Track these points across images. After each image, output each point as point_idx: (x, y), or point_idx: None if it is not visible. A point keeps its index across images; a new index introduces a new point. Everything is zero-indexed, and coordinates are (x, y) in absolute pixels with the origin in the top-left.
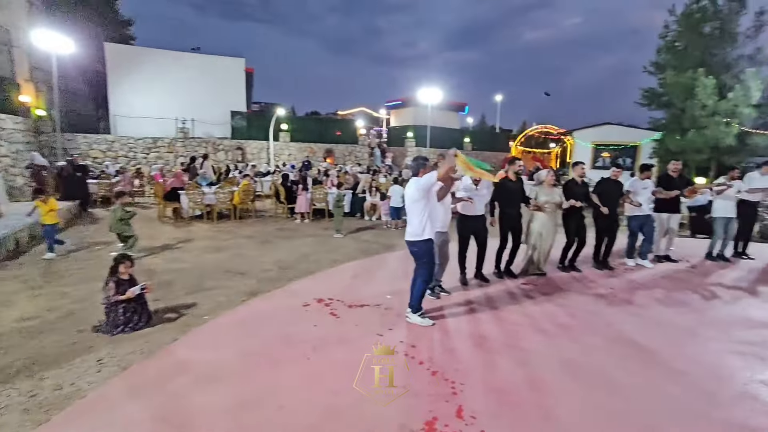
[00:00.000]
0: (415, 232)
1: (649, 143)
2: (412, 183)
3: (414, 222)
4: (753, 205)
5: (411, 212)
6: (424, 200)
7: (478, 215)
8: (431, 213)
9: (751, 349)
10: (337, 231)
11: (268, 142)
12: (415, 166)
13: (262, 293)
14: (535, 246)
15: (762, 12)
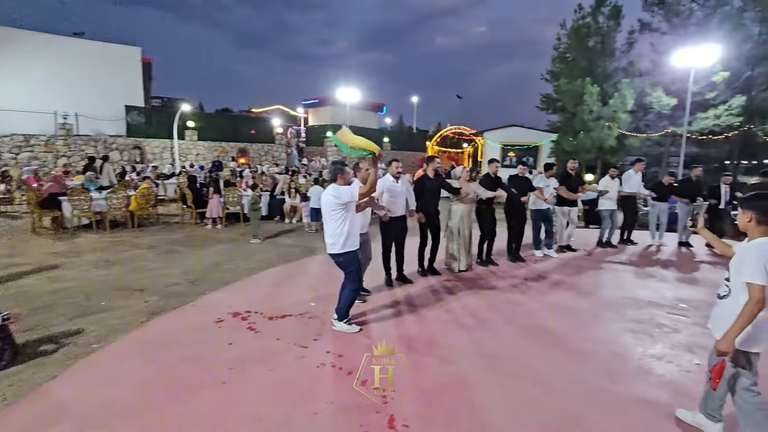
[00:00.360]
0: (336, 243)
1: (548, 144)
2: (331, 190)
3: (334, 233)
4: (633, 200)
5: (329, 221)
6: (343, 211)
7: (400, 216)
8: (351, 222)
9: (642, 326)
10: (254, 236)
11: (172, 140)
12: (333, 171)
13: (167, 311)
14: (454, 242)
15: (633, 31)
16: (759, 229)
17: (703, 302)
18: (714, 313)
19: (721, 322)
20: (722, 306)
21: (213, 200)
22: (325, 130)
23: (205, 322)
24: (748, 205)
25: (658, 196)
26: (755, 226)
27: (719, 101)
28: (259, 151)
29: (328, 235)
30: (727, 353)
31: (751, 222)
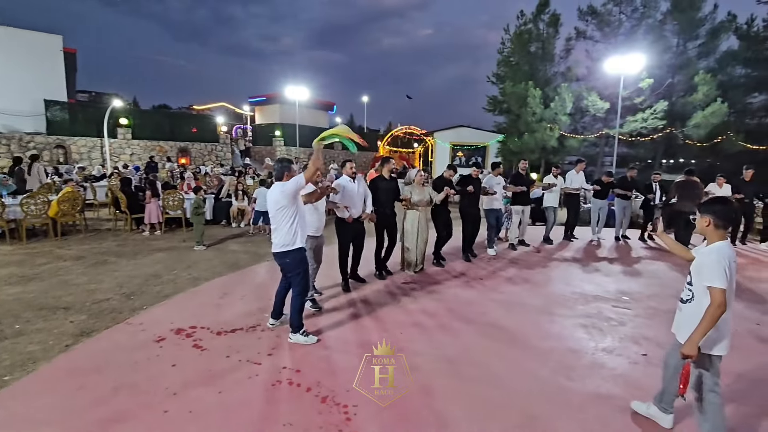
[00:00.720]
0: (284, 242)
1: (495, 144)
2: (277, 188)
3: (282, 230)
4: (576, 197)
5: (277, 220)
6: (293, 206)
7: (356, 218)
8: (301, 218)
9: (591, 321)
10: (198, 243)
11: (103, 139)
12: (279, 169)
13: (97, 332)
14: (409, 244)
15: (570, 38)
16: (717, 233)
17: (643, 294)
18: (677, 318)
19: (685, 326)
20: (685, 310)
21: (151, 204)
22: (274, 129)
23: (143, 341)
24: (707, 209)
25: (597, 193)
26: (713, 230)
27: (645, 106)
28: (202, 150)
29: (277, 233)
30: (691, 356)
31: (709, 226)
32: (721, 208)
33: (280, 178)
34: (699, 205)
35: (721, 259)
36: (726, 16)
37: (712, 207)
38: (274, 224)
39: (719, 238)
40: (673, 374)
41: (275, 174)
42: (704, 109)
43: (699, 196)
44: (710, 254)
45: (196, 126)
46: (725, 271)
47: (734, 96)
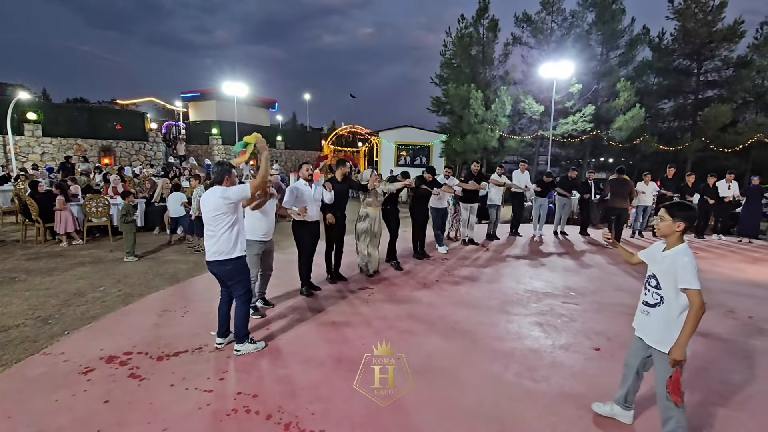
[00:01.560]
0: (222, 249)
1: (439, 144)
2: (216, 192)
3: (221, 238)
4: (521, 195)
5: (214, 226)
6: (234, 213)
7: (313, 221)
8: (241, 225)
9: (546, 318)
10: (129, 253)
11: (6, 136)
12: (219, 173)
13: (6, 367)
14: (365, 245)
15: (508, 43)
16: (680, 236)
17: (587, 289)
18: (642, 320)
19: (655, 329)
20: (654, 314)
21: (63, 211)
22: (210, 127)
23: (65, 375)
24: (681, 215)
25: (538, 192)
26: (680, 234)
27: (575, 109)
28: (128, 149)
29: (213, 240)
30: (682, 362)
31: (680, 230)
32: (692, 214)
33: (219, 182)
34: (669, 210)
35: (693, 261)
36: (641, 29)
37: (685, 212)
38: (209, 230)
39: (680, 241)
40: (636, 374)
41: (214, 177)
42: (625, 113)
43: (630, 193)
44: (682, 257)
45: (120, 122)
46: (697, 272)
47: (649, 102)
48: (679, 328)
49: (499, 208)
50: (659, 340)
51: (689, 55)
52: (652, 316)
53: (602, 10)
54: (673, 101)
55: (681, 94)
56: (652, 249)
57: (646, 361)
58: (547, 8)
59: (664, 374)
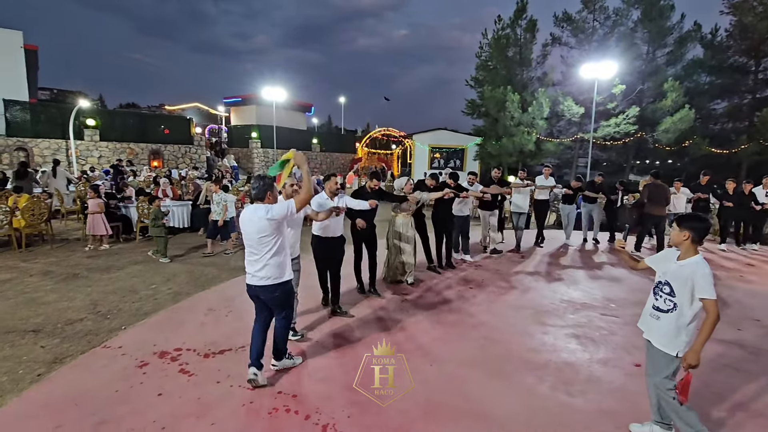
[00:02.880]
0: (270, 274)
1: (474, 147)
2: (259, 212)
3: (269, 262)
4: (545, 202)
5: (259, 248)
6: (280, 234)
7: (337, 236)
8: (286, 244)
9: (583, 330)
10: (159, 253)
11: (68, 141)
12: (261, 188)
13: (72, 358)
14: (401, 255)
15: (546, 44)
16: (693, 246)
17: (628, 301)
18: (654, 325)
19: (666, 335)
20: (666, 319)
21: (96, 215)
22: (250, 131)
23: (124, 368)
24: (687, 225)
25: (566, 198)
26: (690, 244)
27: (618, 111)
28: (175, 153)
29: (258, 264)
30: (696, 366)
31: (687, 240)
32: (700, 225)
33: (261, 198)
34: (678, 220)
35: (710, 272)
36: (692, 26)
37: (692, 223)
38: (254, 253)
39: (695, 252)
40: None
41: (255, 193)
42: (673, 114)
43: (667, 199)
44: (701, 268)
45: (168, 127)
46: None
47: (699, 102)
48: (687, 334)
49: (524, 216)
50: (667, 343)
51: (746, 51)
52: (663, 321)
53: (649, 7)
54: (727, 101)
55: (736, 94)
56: (662, 256)
57: None
58: (588, 7)
59: (663, 371)
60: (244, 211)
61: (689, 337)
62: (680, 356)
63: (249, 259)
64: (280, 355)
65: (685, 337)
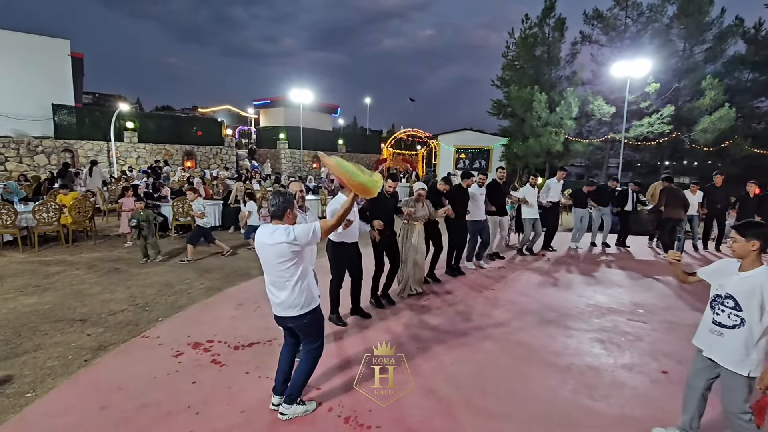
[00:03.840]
0: (298, 302)
1: (499, 147)
2: (277, 236)
3: (294, 289)
4: (555, 206)
5: (282, 275)
6: (304, 259)
7: (354, 242)
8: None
9: (608, 335)
10: (146, 256)
11: (109, 142)
12: (281, 205)
13: (114, 345)
14: (410, 264)
15: (575, 42)
16: (759, 257)
17: (657, 306)
18: (715, 342)
19: (733, 351)
20: (731, 335)
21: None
22: (278, 132)
23: (161, 356)
24: (755, 232)
25: (577, 202)
26: (757, 254)
27: (652, 110)
28: (207, 154)
29: (281, 292)
30: None
31: (756, 250)
32: (765, 231)
33: (279, 216)
34: (741, 228)
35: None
36: (733, 20)
37: (760, 230)
38: (274, 279)
39: (759, 261)
40: (701, 397)
41: (273, 211)
42: (711, 113)
43: (685, 202)
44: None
45: (201, 129)
46: None
47: (741, 100)
48: (758, 351)
49: (536, 222)
50: (737, 362)
51: None
52: (727, 338)
53: (686, 3)
54: None
55: None
56: (719, 267)
57: (711, 382)
58: (621, 3)
59: (739, 396)
60: (260, 232)
61: (760, 354)
62: (752, 376)
63: (269, 287)
64: (292, 400)
65: (756, 355)
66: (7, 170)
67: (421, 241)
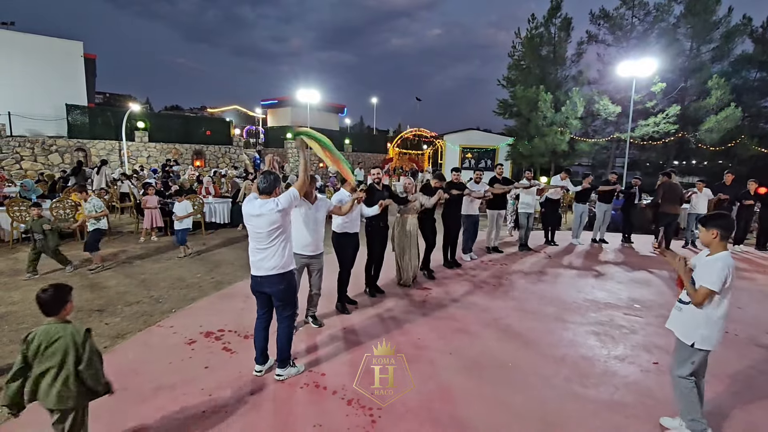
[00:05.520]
0: (279, 263)
1: (505, 147)
2: (266, 206)
3: (277, 251)
4: (555, 202)
5: (269, 241)
6: (289, 224)
7: (354, 233)
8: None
9: (603, 328)
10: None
11: (120, 142)
12: (272, 183)
13: (131, 334)
14: (406, 255)
15: (581, 42)
16: (721, 243)
17: (654, 302)
18: (675, 316)
19: (685, 325)
20: (686, 311)
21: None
22: (285, 132)
23: (175, 344)
24: (714, 223)
25: (579, 198)
26: (719, 241)
27: (658, 110)
28: (216, 153)
29: (266, 254)
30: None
31: (716, 238)
32: (726, 221)
33: (269, 192)
34: (703, 220)
35: (724, 267)
36: (741, 19)
37: (717, 221)
38: (261, 246)
39: (723, 248)
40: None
41: (263, 187)
42: (717, 113)
43: (681, 198)
44: (716, 261)
45: (210, 129)
46: (725, 278)
47: (748, 100)
48: (708, 327)
49: (530, 217)
50: (686, 333)
51: None
52: (684, 312)
53: (692, 2)
54: None
55: None
56: (697, 257)
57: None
58: (627, 3)
59: (683, 362)
60: (250, 206)
61: (709, 330)
62: (696, 347)
63: (257, 251)
64: (284, 363)
65: (704, 330)
66: (22, 169)
67: (415, 232)
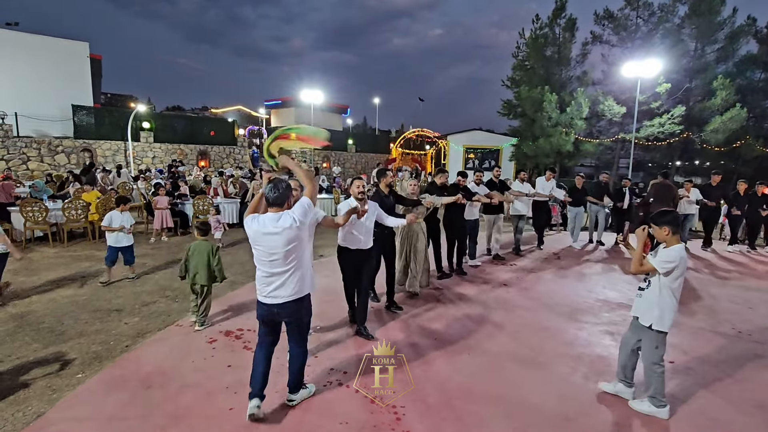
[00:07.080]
0: (298, 288)
1: (509, 147)
2: (284, 220)
3: (298, 272)
4: (544, 203)
5: (287, 261)
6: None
7: (356, 249)
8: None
9: (618, 328)
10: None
11: (126, 142)
12: (283, 194)
13: (152, 333)
14: (415, 262)
15: (586, 43)
16: (674, 238)
17: None
18: (637, 303)
19: (643, 308)
20: (645, 294)
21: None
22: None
23: (196, 343)
24: (663, 221)
25: (573, 200)
26: (671, 236)
27: (662, 110)
28: (221, 153)
29: (290, 279)
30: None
31: (668, 234)
32: (672, 218)
33: (281, 204)
34: (653, 219)
35: (675, 256)
36: (745, 20)
37: (665, 218)
38: (277, 269)
39: (677, 241)
40: (631, 351)
41: (273, 198)
42: (722, 114)
43: (672, 199)
44: (671, 251)
45: (214, 129)
46: (671, 267)
47: (753, 100)
48: (660, 307)
49: (521, 218)
50: (644, 315)
51: None
52: (643, 297)
53: (697, 2)
54: None
55: None
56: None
57: (639, 341)
58: (632, 3)
59: (649, 347)
60: (259, 222)
61: (661, 310)
62: (654, 328)
63: (272, 277)
64: (297, 387)
65: (657, 310)
66: (29, 169)
67: (423, 236)
